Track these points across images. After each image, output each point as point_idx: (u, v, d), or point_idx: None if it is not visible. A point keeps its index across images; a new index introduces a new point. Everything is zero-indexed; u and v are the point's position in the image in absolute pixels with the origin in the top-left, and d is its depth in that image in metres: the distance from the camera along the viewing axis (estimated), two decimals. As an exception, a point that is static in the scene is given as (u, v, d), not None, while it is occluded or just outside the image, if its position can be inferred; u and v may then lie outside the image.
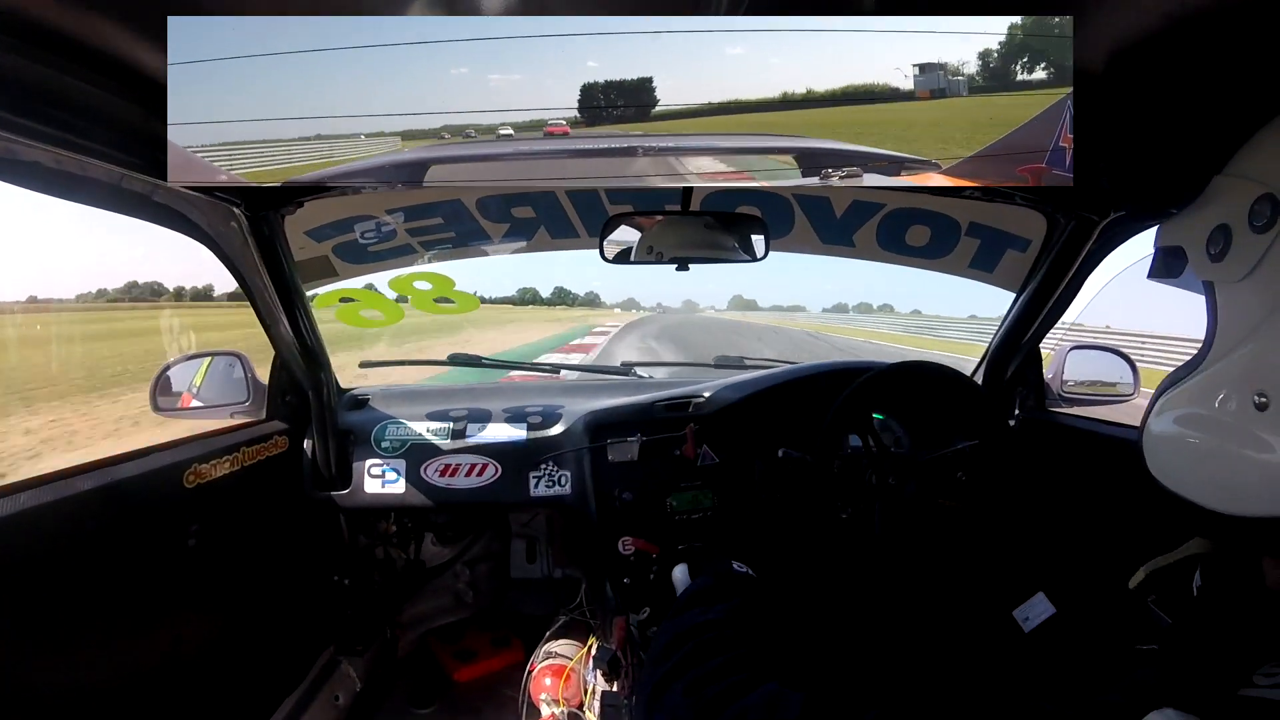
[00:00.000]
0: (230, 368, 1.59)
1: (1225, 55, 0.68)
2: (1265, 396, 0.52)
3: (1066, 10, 0.64)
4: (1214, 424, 0.57)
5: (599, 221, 1.38)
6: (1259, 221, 0.55)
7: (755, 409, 1.59)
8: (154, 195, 1.08)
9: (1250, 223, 0.56)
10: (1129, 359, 1.66)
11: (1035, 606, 1.38)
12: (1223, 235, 0.59)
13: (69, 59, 0.73)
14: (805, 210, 1.78)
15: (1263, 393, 0.52)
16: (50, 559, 0.98)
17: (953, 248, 1.77)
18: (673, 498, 1.53)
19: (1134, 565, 0.81)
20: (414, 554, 2.10)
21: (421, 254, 1.79)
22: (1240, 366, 0.56)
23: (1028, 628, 1.38)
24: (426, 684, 2.00)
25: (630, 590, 1.48)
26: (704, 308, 56.79)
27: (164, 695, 1.19)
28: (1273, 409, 0.52)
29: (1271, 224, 0.54)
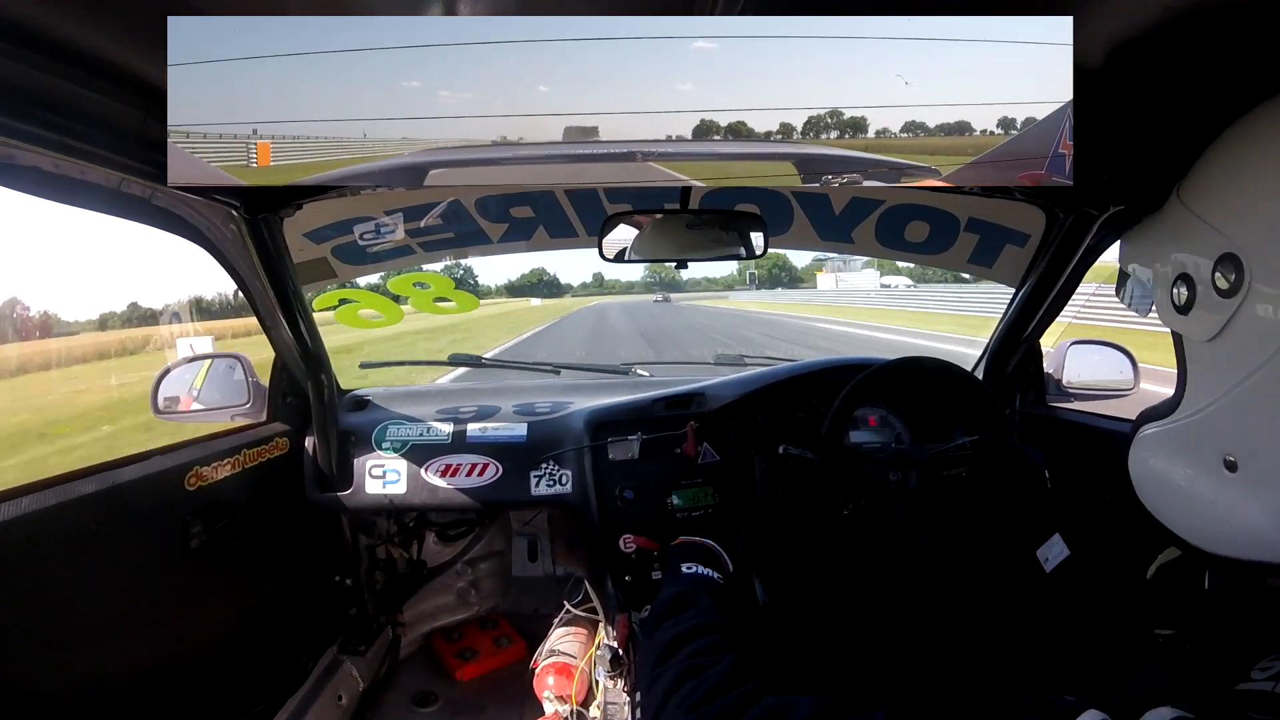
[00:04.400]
0: (230, 370, 1.60)
1: (1223, 52, 0.68)
2: (1234, 458, 0.52)
3: (1066, 10, 0.64)
4: (1188, 475, 0.58)
5: (598, 220, 1.38)
6: (1222, 286, 0.52)
7: (756, 406, 1.59)
8: (153, 199, 1.08)
9: (1214, 284, 0.53)
10: (1129, 354, 1.66)
11: (1053, 547, 1.37)
12: (1187, 287, 0.56)
13: (67, 62, 0.73)
14: (804, 207, 1.78)
15: (1232, 454, 0.52)
16: (53, 562, 0.98)
17: (952, 243, 1.77)
18: (674, 495, 1.53)
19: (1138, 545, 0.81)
20: (416, 553, 2.11)
21: (421, 254, 1.79)
22: (1212, 426, 0.56)
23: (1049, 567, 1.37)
24: (429, 683, 2.01)
25: (632, 588, 1.49)
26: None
27: (167, 696, 1.20)
28: (1241, 471, 0.52)
29: (1236, 289, 0.51)
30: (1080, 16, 0.64)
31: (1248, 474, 0.52)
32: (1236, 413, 0.53)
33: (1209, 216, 0.56)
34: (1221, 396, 0.54)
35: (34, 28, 0.66)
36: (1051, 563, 1.36)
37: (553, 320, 25.92)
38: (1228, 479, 0.53)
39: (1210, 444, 0.55)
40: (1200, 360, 0.57)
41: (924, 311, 22.07)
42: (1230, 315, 0.52)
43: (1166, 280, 0.59)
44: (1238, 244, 0.52)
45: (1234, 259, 0.51)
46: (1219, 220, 0.55)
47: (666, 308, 37.02)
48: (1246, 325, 0.51)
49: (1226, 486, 0.53)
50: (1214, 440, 0.55)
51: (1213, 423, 0.55)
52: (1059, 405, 1.65)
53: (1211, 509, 0.55)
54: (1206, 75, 0.74)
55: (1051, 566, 1.36)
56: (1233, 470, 0.52)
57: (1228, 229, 0.53)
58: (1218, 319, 0.53)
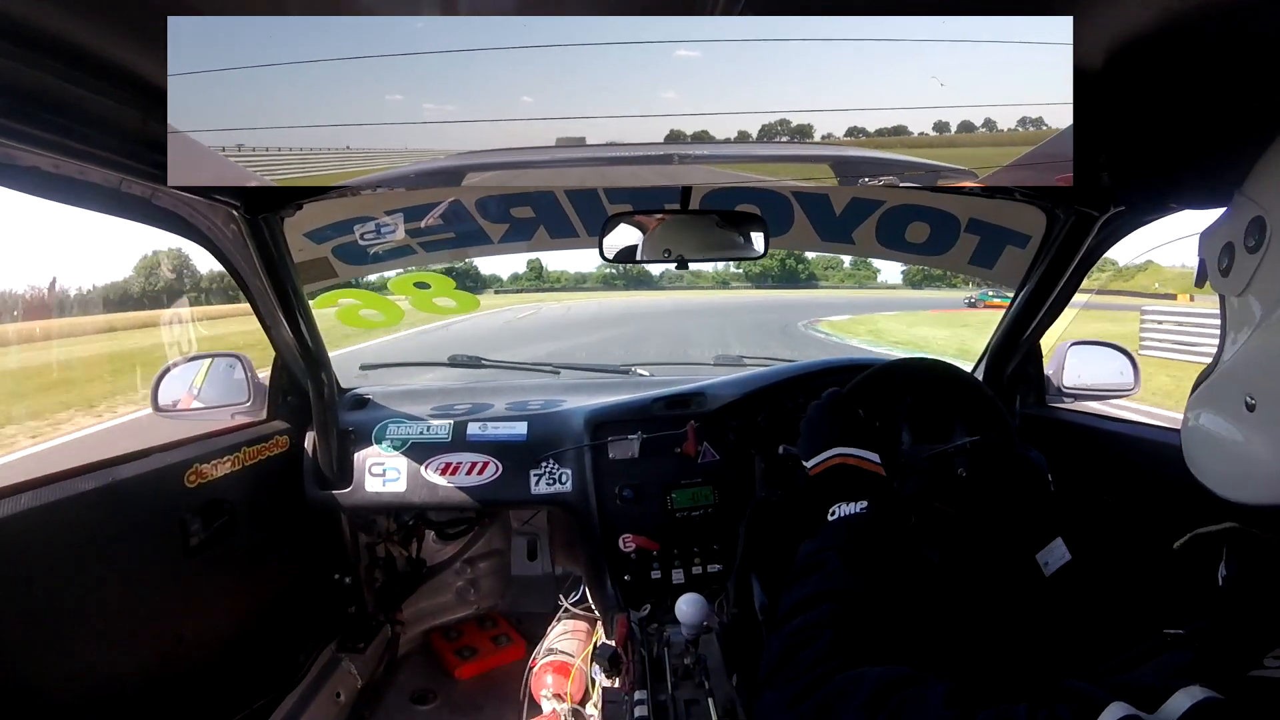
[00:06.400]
0: (231, 368, 1.60)
1: (1222, 52, 0.68)
2: (1253, 398, 0.57)
3: (1066, 10, 0.64)
4: (1218, 421, 0.63)
5: (598, 221, 1.38)
6: (1251, 242, 0.60)
7: (756, 406, 1.59)
8: (153, 199, 1.08)
9: (1245, 242, 0.61)
10: (1130, 355, 1.65)
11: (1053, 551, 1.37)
12: (1228, 253, 0.64)
13: (67, 62, 0.73)
14: (805, 208, 1.78)
15: (1251, 395, 0.58)
16: (52, 558, 0.98)
17: (952, 244, 1.77)
18: (674, 495, 1.53)
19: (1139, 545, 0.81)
20: (415, 552, 2.11)
21: (421, 255, 1.79)
22: (1235, 371, 0.62)
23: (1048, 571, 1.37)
24: (428, 681, 2.01)
25: (631, 587, 1.49)
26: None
27: (166, 692, 1.20)
28: (1259, 410, 0.57)
29: (1259, 245, 0.59)
30: (1080, 17, 0.64)
31: (1264, 412, 0.56)
32: (1256, 355, 0.59)
33: (1251, 193, 0.62)
34: (1244, 342, 0.61)
35: (34, 28, 0.66)
36: (1051, 567, 1.36)
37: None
38: (1248, 419, 0.58)
39: (1235, 387, 0.60)
40: (1234, 315, 0.64)
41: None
42: (1255, 267, 0.59)
43: (1215, 255, 0.66)
44: (1265, 207, 0.59)
45: (1260, 220, 0.59)
46: (1257, 194, 0.62)
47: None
48: (1267, 273, 0.58)
49: (1247, 426, 0.58)
50: (1238, 384, 0.60)
51: (1237, 367, 0.62)
52: (1059, 406, 1.65)
53: (1235, 450, 0.60)
54: (1205, 78, 0.74)
55: (1051, 571, 1.35)
56: (1252, 410, 0.57)
57: (1259, 197, 0.61)
58: (1247, 272, 0.60)
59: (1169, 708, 0.47)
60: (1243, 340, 0.61)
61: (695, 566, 1.54)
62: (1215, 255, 0.66)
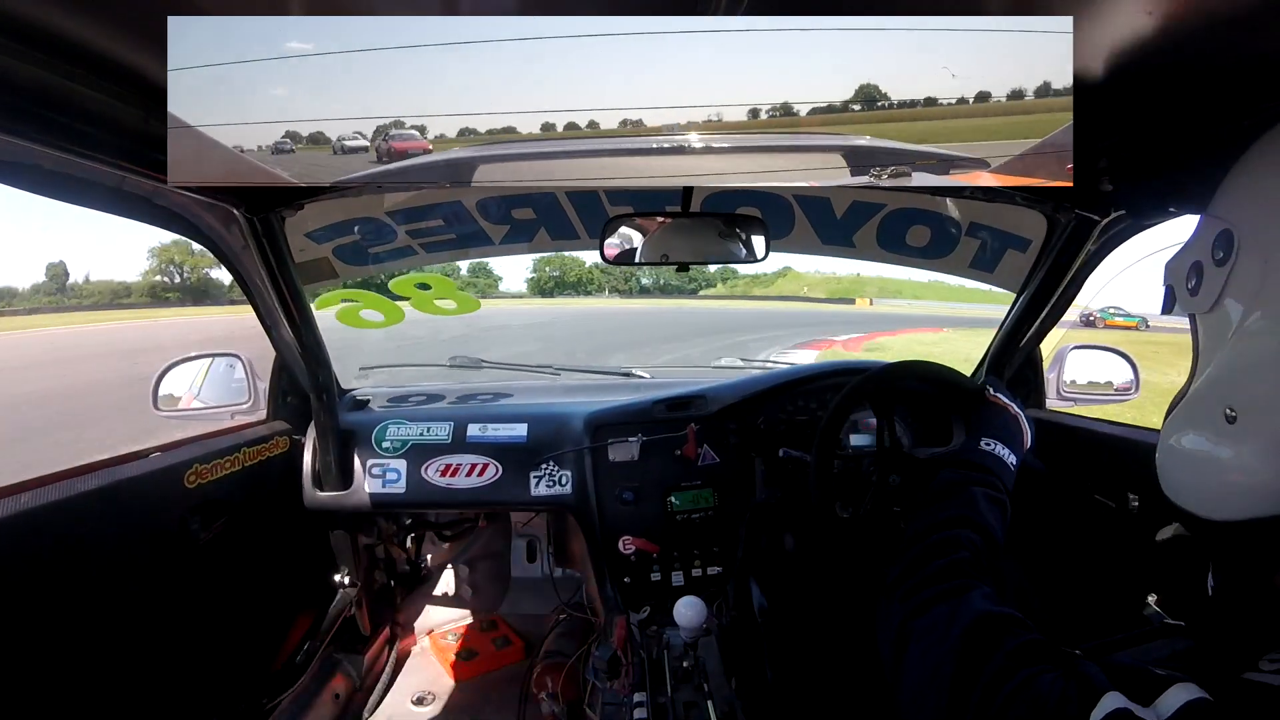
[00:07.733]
0: (231, 369, 1.60)
1: (1223, 55, 0.68)
2: (1233, 409, 0.57)
3: (1066, 11, 0.64)
4: (1197, 440, 0.62)
5: (599, 223, 1.38)
6: (1219, 255, 0.60)
7: (756, 409, 1.59)
8: (154, 198, 1.09)
9: (1213, 256, 0.61)
10: (1130, 358, 1.65)
11: None
12: (1195, 271, 0.64)
13: (68, 60, 0.73)
14: (805, 211, 1.77)
15: (1231, 406, 0.57)
16: (52, 559, 0.98)
17: (953, 248, 1.77)
18: (673, 497, 1.53)
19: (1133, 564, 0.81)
20: (415, 553, 2.11)
21: (422, 255, 1.79)
22: (1212, 385, 0.61)
23: None
24: (427, 683, 2.00)
25: (630, 589, 1.48)
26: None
27: (165, 692, 1.20)
28: (1241, 419, 0.56)
29: (1228, 256, 0.59)
30: (1080, 18, 0.64)
31: (1245, 420, 0.56)
32: (1232, 363, 0.58)
33: (1218, 212, 0.63)
34: (1219, 356, 0.60)
35: (34, 25, 0.66)
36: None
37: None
38: (1229, 432, 0.57)
39: (1213, 401, 0.59)
40: (1206, 331, 0.64)
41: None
42: (1224, 280, 0.59)
43: (1183, 277, 0.65)
44: (1232, 221, 0.60)
45: (1228, 233, 0.59)
46: (1225, 211, 0.62)
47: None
48: (1238, 281, 0.58)
49: (1229, 439, 0.57)
50: (1216, 397, 0.59)
51: (1213, 382, 0.61)
52: (1059, 410, 1.65)
53: (1216, 465, 0.59)
54: (1206, 81, 0.74)
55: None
56: (1232, 422, 0.57)
57: (1226, 213, 0.61)
58: (1216, 287, 0.60)
59: (1162, 704, 0.47)
60: (1217, 355, 0.61)
61: (695, 569, 1.54)
62: (1182, 277, 0.65)
